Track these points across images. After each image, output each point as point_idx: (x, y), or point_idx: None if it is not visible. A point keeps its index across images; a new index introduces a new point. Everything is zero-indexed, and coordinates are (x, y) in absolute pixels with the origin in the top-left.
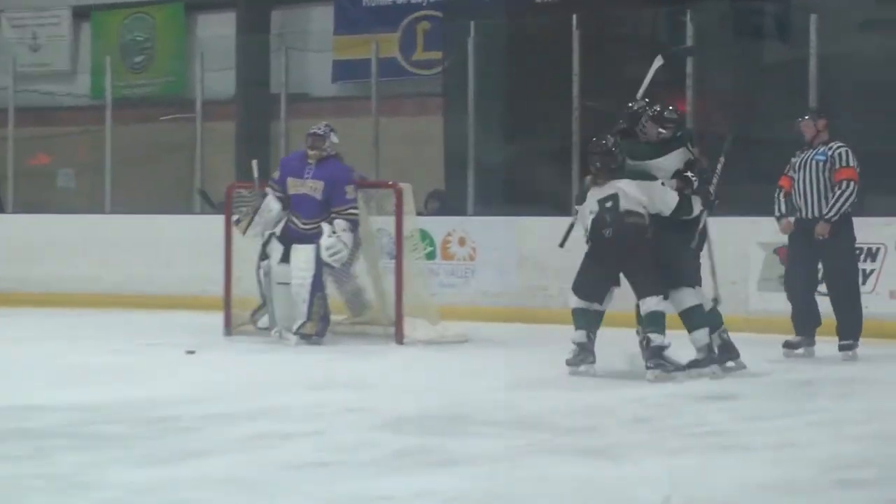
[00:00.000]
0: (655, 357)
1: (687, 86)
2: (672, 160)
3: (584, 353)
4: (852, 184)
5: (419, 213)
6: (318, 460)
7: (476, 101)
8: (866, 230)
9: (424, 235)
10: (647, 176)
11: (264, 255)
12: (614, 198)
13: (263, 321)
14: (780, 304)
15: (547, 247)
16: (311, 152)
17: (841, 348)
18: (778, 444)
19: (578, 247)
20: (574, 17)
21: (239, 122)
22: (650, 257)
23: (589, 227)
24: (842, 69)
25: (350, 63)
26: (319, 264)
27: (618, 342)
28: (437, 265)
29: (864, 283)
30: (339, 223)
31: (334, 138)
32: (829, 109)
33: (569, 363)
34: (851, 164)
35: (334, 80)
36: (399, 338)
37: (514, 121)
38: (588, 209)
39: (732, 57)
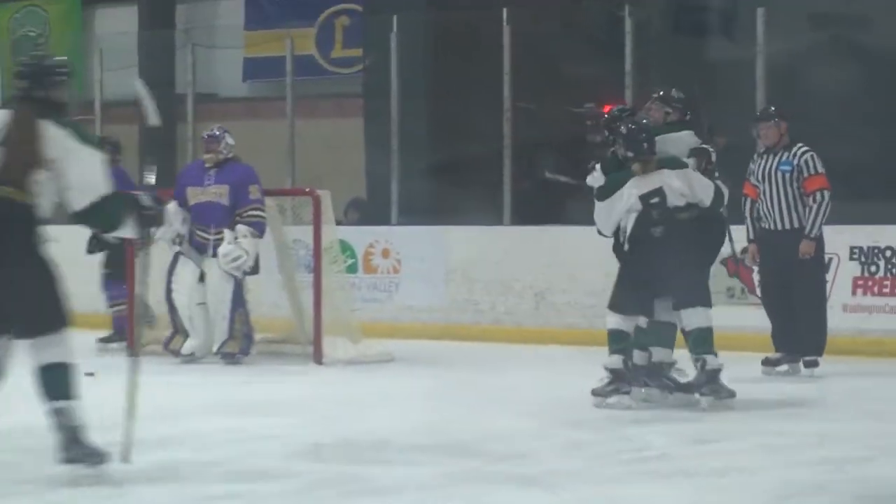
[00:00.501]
0: (712, 382)
1: (626, 85)
2: (684, 136)
3: (617, 383)
4: (826, 194)
5: (339, 223)
6: (231, 492)
7: (399, 101)
8: None
9: (345, 247)
10: (677, 162)
11: (173, 275)
12: (660, 192)
13: (187, 347)
14: (727, 319)
15: (477, 258)
16: (206, 156)
17: (806, 364)
18: (724, 470)
19: (509, 257)
20: (504, 10)
21: (142, 125)
22: (699, 260)
23: (630, 227)
24: (792, 67)
25: (262, 61)
26: (237, 278)
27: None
28: (358, 279)
29: None
30: (241, 228)
31: (229, 140)
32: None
33: (596, 393)
34: (820, 170)
35: (245, 79)
36: (318, 358)
37: (441, 123)
38: (626, 207)
39: (674, 54)
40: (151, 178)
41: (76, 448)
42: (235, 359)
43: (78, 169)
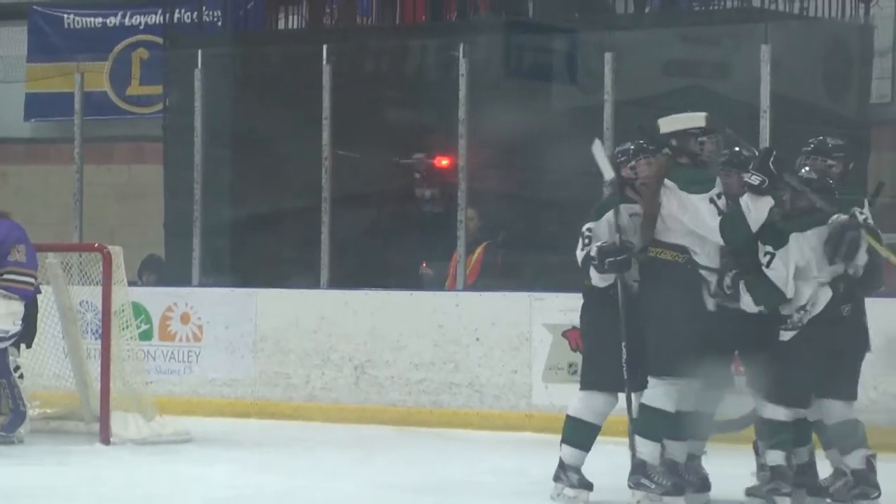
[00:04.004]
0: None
1: (459, 134)
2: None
3: (777, 482)
4: None
5: (132, 284)
6: None
7: (204, 147)
8: None
9: (138, 310)
10: None
11: None
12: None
13: None
14: (569, 398)
15: (290, 325)
16: None
17: None
18: None
19: (326, 325)
20: (325, 47)
21: None
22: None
23: (814, 299)
24: (643, 116)
25: (48, 97)
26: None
27: None
28: (153, 347)
29: None
30: None
31: None
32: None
33: (751, 493)
34: None
35: (28, 117)
36: (105, 437)
37: (251, 172)
38: (803, 260)
39: (514, 102)
40: None
41: None
42: None
43: None
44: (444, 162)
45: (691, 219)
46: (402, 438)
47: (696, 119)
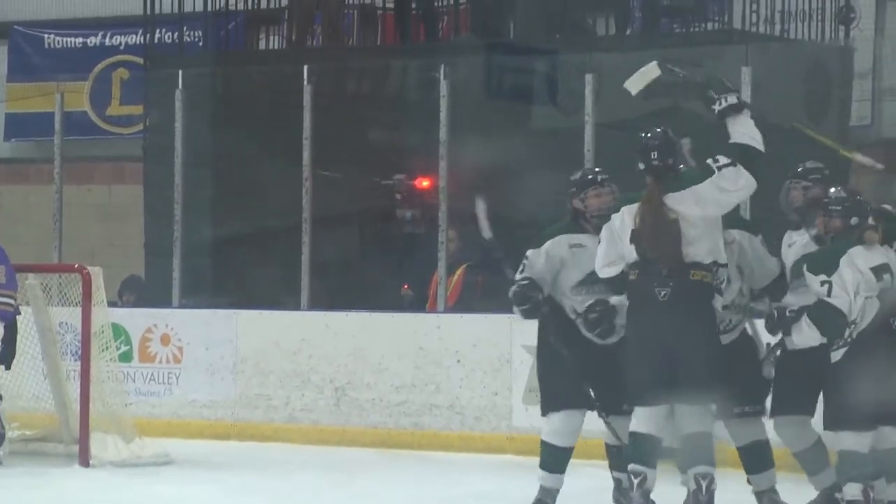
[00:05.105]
0: None
1: (440, 155)
2: None
3: None
4: None
5: (112, 304)
6: None
7: (185, 167)
8: None
9: (118, 331)
10: None
11: None
12: (889, 270)
13: None
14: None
15: (271, 347)
16: None
17: None
18: None
19: (307, 346)
20: (305, 68)
21: None
22: None
23: (862, 312)
24: (623, 137)
25: (28, 117)
26: None
27: None
28: (133, 368)
29: None
30: None
31: None
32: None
33: None
34: None
35: (8, 137)
36: (84, 459)
37: (231, 192)
38: (854, 282)
39: (495, 123)
40: None
41: None
42: None
43: None
44: (425, 183)
45: (705, 200)
46: (382, 460)
47: (651, 70)
